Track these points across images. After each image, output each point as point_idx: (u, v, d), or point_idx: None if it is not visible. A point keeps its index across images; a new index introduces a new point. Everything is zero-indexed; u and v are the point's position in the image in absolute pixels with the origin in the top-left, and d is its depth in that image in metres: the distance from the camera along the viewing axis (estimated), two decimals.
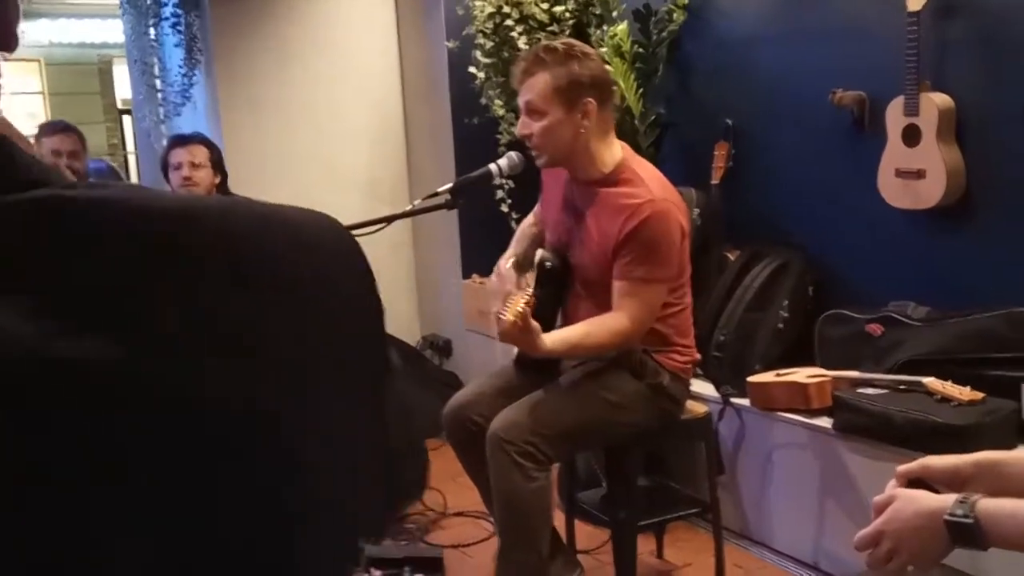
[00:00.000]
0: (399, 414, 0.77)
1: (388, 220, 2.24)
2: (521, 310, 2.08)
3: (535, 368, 2.45)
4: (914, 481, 1.40)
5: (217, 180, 3.44)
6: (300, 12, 4.32)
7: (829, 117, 2.90)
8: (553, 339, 2.23)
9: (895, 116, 2.65)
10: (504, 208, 3.73)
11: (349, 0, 4.41)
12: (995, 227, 2.56)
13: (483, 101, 3.76)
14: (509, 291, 2.26)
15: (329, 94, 4.38)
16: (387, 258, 4.49)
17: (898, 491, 1.37)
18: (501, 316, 2.11)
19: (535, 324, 2.14)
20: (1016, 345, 2.43)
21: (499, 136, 3.75)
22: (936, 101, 2.57)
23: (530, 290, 2.19)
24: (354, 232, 2.23)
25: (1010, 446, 2.33)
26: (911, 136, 2.62)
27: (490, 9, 3.55)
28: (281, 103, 4.29)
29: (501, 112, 3.68)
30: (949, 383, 2.43)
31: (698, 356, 2.52)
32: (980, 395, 2.38)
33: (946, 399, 2.40)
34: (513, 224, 3.63)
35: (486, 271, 4.13)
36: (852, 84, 2.82)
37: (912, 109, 2.59)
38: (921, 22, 2.51)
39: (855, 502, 2.53)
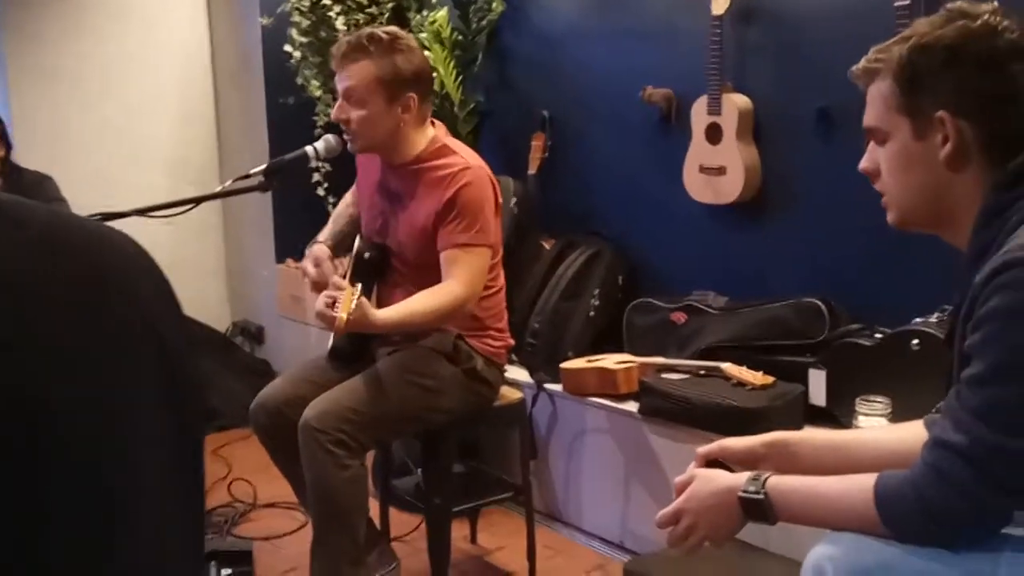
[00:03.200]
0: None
1: (196, 201, 2.15)
2: (355, 307, 2.04)
3: (349, 359, 2.42)
4: (713, 461, 1.48)
5: (0, 153, 3.20)
6: None
7: (640, 113, 3.01)
8: (387, 311, 2.21)
9: (699, 114, 2.78)
10: (320, 192, 3.65)
11: None
12: (787, 222, 2.74)
13: (299, 81, 3.66)
14: (331, 282, 2.20)
15: (132, 67, 4.13)
16: (195, 242, 4.31)
17: (697, 471, 1.45)
18: (333, 315, 2.06)
19: (365, 302, 2.11)
20: (803, 332, 2.61)
21: (316, 117, 3.66)
22: (736, 102, 2.72)
23: (359, 287, 2.13)
24: (160, 214, 2.13)
25: (798, 426, 2.50)
26: (713, 134, 2.76)
27: None
28: (78, 75, 4.01)
29: (318, 93, 3.59)
30: (744, 368, 2.59)
31: (512, 342, 2.56)
32: (771, 379, 2.55)
33: (741, 383, 2.55)
34: (330, 207, 3.55)
35: (301, 255, 4.04)
36: (661, 82, 2.94)
37: (715, 108, 2.73)
38: (724, 26, 2.65)
39: (659, 482, 2.65)
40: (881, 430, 1.63)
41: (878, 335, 2.43)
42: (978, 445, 1.13)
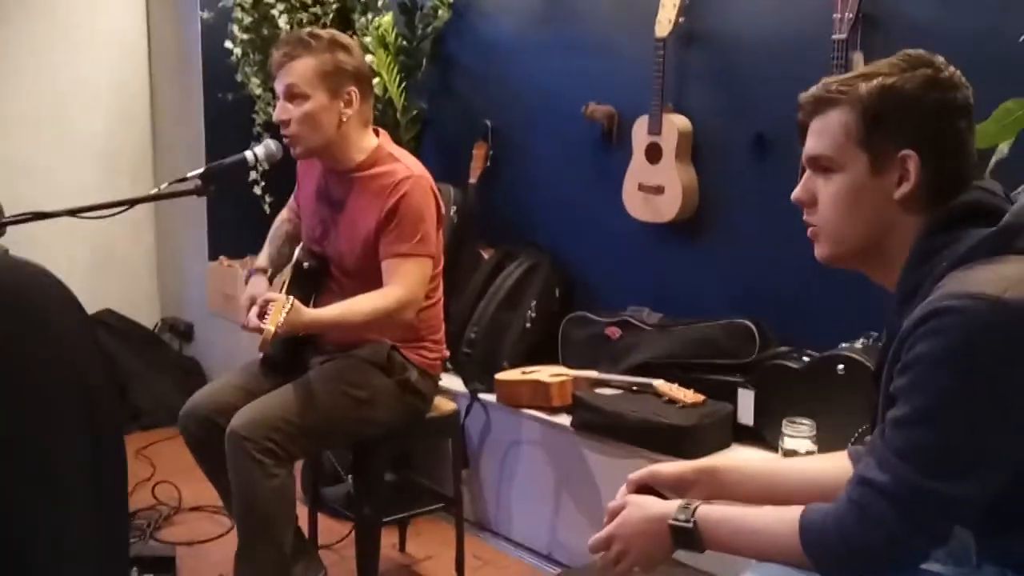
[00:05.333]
0: None
1: (130, 203, 2.10)
2: (283, 320, 2.02)
3: (282, 367, 2.39)
4: (643, 487, 1.50)
5: None
6: None
7: (581, 128, 3.03)
8: (321, 310, 2.20)
9: (640, 133, 2.81)
10: (257, 190, 3.59)
11: None
12: (721, 243, 2.79)
13: (239, 78, 3.60)
14: (265, 298, 2.17)
15: (63, 56, 4.01)
16: (126, 237, 4.21)
17: (629, 497, 1.47)
18: (263, 327, 2.04)
19: (298, 304, 2.09)
20: (733, 352, 2.66)
21: (255, 115, 3.61)
22: (676, 123, 2.76)
23: (291, 299, 2.11)
24: (92, 215, 2.08)
25: (725, 444, 2.56)
26: (653, 154, 2.79)
27: None
28: (6, 59, 3.89)
29: (258, 91, 3.54)
30: (676, 386, 2.63)
31: (447, 353, 2.56)
32: (701, 397, 2.59)
33: (672, 401, 2.59)
34: (266, 207, 3.51)
35: (235, 253, 3.99)
36: (604, 99, 2.97)
37: (655, 128, 2.77)
38: (667, 48, 2.69)
39: (589, 496, 2.68)
40: (807, 460, 1.68)
41: (805, 358, 2.49)
42: (900, 485, 1.17)
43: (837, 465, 1.49)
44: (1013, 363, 1.14)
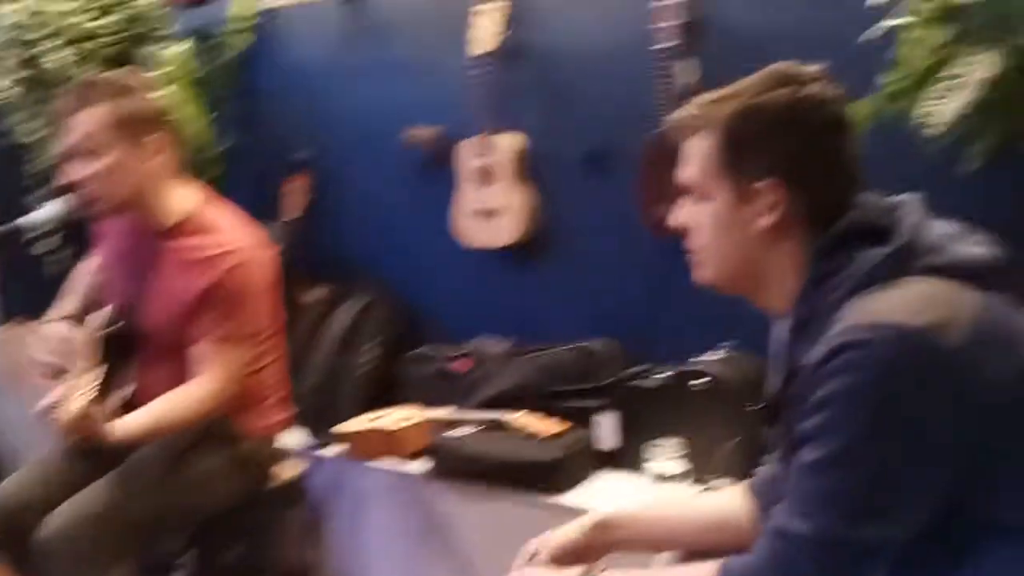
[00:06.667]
0: None
1: None
2: (84, 404, 1.74)
3: (96, 451, 2.09)
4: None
5: None
6: None
7: (406, 153, 2.87)
8: (127, 425, 1.91)
9: (469, 156, 2.68)
10: (51, 244, 3.19)
11: None
12: (564, 265, 2.69)
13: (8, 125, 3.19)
14: (65, 368, 1.88)
15: None
16: None
17: (522, 571, 1.35)
18: (60, 413, 1.76)
19: (98, 412, 1.80)
20: (585, 376, 2.56)
21: (27, 166, 3.20)
22: (508, 142, 2.64)
23: (92, 376, 1.84)
24: None
25: (587, 474, 2.45)
26: (485, 176, 2.67)
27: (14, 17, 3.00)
28: None
29: (30, 138, 3.13)
30: (532, 418, 2.51)
31: (288, 413, 2.33)
32: (560, 428, 2.47)
33: (531, 435, 2.46)
34: (64, 261, 3.13)
35: (29, 314, 3.54)
36: (429, 121, 2.81)
37: (485, 149, 2.65)
38: (493, 65, 2.57)
39: (453, 545, 2.52)
40: (705, 499, 1.59)
41: (663, 375, 2.42)
42: (820, 533, 1.09)
43: (737, 503, 1.41)
44: (926, 393, 1.07)
